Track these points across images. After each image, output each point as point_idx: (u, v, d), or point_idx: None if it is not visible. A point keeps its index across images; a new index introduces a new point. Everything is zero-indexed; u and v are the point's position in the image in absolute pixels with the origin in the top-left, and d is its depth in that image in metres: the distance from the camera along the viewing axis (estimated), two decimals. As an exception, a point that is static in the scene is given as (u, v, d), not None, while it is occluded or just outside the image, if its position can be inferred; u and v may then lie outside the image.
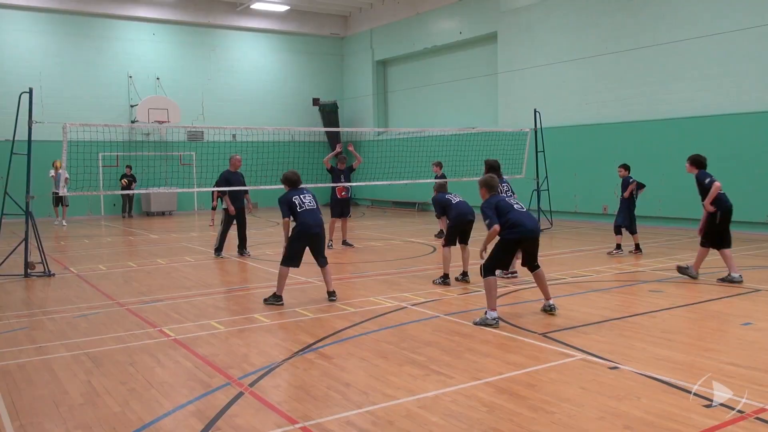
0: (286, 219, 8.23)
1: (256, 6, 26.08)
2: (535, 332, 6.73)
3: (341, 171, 14.55)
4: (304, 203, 8.31)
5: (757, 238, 14.08)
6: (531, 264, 7.53)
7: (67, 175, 19.40)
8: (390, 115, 27.87)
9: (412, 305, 8.18)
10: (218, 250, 12.97)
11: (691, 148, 15.94)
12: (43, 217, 19.76)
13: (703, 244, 9.29)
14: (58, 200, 20.84)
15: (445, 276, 9.54)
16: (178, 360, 6.08)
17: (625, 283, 9.51)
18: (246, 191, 12.95)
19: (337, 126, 27.10)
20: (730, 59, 15.47)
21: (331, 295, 8.53)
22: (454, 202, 9.74)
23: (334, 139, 27.27)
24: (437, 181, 11.79)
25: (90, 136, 16.53)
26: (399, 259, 12.15)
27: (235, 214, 12.79)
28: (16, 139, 10.69)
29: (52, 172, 20.37)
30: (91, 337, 6.97)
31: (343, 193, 14.28)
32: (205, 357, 6.13)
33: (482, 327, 6.96)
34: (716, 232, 9.16)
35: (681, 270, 9.55)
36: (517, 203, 7.56)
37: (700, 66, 16.05)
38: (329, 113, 27.52)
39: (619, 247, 12.04)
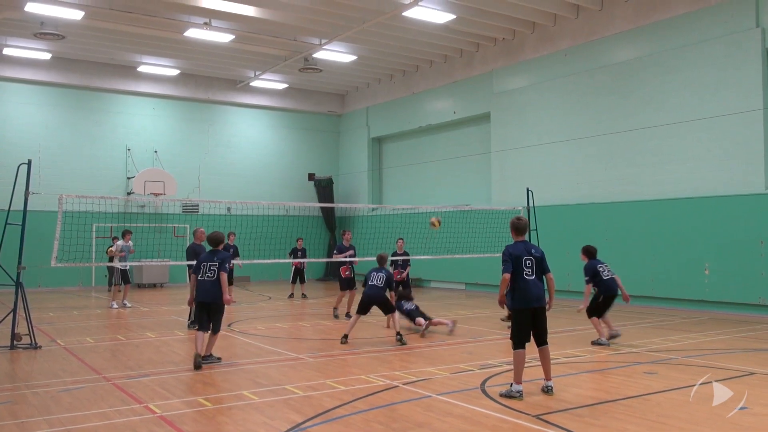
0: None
1: (255, 84, 26.76)
2: (529, 414, 6.61)
3: (347, 248, 15.25)
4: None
5: (751, 320, 14.03)
6: (538, 338, 7.57)
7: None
8: (384, 191, 28.17)
9: (404, 384, 8.05)
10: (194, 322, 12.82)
11: (680, 229, 16.25)
12: (33, 288, 19.54)
13: (590, 315, 11.05)
14: (122, 276, 16.83)
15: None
16: (162, 438, 5.93)
17: (619, 365, 9.41)
18: None
19: (332, 201, 27.37)
20: (717, 142, 15.81)
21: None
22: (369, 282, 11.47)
23: (329, 214, 27.55)
24: (381, 254, 12.49)
25: (85, 207, 16.60)
26: (392, 335, 12.01)
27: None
28: (11, 209, 10.74)
29: (121, 242, 16.75)
30: (74, 412, 6.80)
31: (347, 273, 15.07)
32: (190, 436, 5.98)
33: (507, 398, 7.23)
34: (598, 308, 10.96)
35: (595, 342, 10.94)
36: (529, 270, 7.63)
37: (688, 148, 16.39)
38: (324, 188, 27.82)
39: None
